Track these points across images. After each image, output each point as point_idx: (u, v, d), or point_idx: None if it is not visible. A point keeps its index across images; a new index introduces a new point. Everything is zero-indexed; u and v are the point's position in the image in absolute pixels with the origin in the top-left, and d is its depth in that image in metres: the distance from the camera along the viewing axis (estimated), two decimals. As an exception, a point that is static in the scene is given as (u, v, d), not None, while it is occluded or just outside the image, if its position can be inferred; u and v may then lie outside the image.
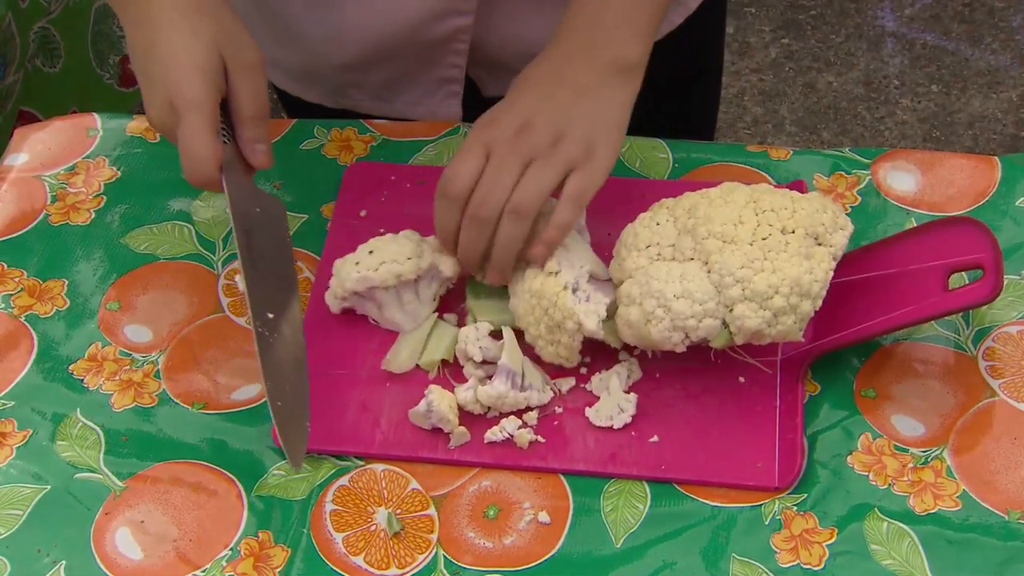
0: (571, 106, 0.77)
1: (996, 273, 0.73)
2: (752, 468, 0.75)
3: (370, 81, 0.96)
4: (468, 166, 0.76)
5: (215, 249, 0.90)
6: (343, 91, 0.99)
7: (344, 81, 0.97)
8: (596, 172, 0.77)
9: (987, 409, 0.77)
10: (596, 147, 0.77)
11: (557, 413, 0.79)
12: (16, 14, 1.48)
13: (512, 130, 0.76)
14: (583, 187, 0.77)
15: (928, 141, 2.09)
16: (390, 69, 0.95)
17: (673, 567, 0.72)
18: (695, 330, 0.74)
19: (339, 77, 0.97)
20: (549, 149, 0.76)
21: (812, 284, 0.73)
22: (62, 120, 1.00)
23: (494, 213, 0.76)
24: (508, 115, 0.77)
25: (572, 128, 0.76)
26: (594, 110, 0.77)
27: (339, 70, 0.96)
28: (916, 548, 0.71)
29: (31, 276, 0.89)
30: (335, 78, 0.97)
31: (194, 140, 0.74)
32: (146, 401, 0.82)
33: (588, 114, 0.77)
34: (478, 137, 0.77)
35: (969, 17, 2.26)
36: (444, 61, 0.94)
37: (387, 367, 0.81)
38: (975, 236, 0.76)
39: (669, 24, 0.98)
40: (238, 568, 0.73)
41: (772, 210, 0.75)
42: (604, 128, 0.78)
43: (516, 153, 0.76)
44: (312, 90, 1.01)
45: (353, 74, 0.96)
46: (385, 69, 0.95)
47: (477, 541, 0.74)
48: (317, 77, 0.99)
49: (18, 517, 0.77)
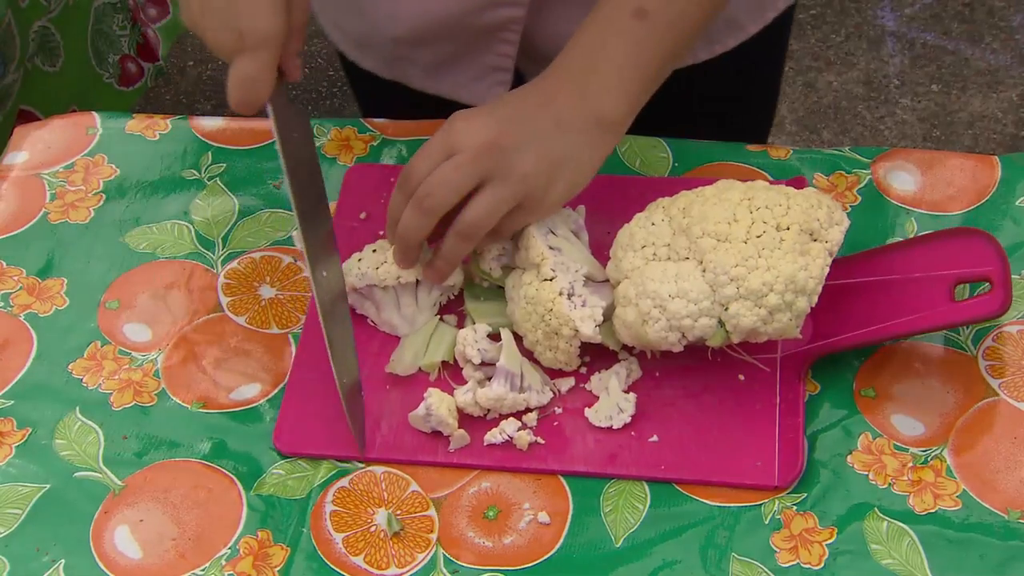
0: (547, 138, 0.76)
1: (1004, 287, 0.72)
2: (752, 467, 0.75)
3: (422, 58, 0.97)
4: (429, 163, 0.76)
5: (214, 248, 0.90)
6: (396, 64, 0.99)
7: (398, 54, 0.98)
8: (536, 212, 0.77)
9: (987, 409, 0.77)
10: (553, 187, 0.76)
11: (556, 414, 0.79)
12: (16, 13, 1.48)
13: (482, 139, 0.75)
14: (510, 224, 0.77)
15: (928, 141, 2.09)
16: (441, 49, 0.95)
17: (673, 567, 0.72)
18: (691, 329, 0.74)
19: (393, 50, 0.98)
20: (509, 173, 0.75)
21: (807, 281, 0.73)
22: (62, 119, 1.00)
23: (436, 208, 0.75)
24: (484, 122, 0.76)
25: (540, 161, 0.75)
26: (567, 151, 0.76)
27: (393, 43, 0.97)
28: (916, 548, 0.71)
29: (30, 275, 0.89)
30: (389, 50, 0.98)
31: (257, 73, 0.73)
32: (145, 400, 0.82)
33: (560, 153, 0.76)
34: (448, 135, 0.76)
35: (969, 17, 2.26)
36: (494, 49, 0.94)
37: (391, 369, 0.81)
38: (983, 248, 0.75)
39: (723, 46, 0.97)
40: (238, 567, 0.73)
41: (766, 207, 0.75)
42: (570, 172, 0.77)
43: (478, 163, 0.75)
44: (368, 58, 1.01)
45: (406, 48, 0.96)
46: (436, 48, 0.95)
47: (477, 540, 0.74)
48: (373, 46, 0.99)
49: (17, 516, 0.76)
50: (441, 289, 0.82)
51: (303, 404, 0.80)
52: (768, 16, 0.99)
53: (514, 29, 0.92)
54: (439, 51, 0.95)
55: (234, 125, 0.98)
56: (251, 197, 0.93)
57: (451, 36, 0.93)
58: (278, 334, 0.84)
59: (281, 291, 0.87)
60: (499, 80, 0.96)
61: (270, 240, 0.90)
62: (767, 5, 0.99)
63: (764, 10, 0.99)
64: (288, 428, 0.79)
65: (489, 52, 0.94)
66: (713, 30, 0.96)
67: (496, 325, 0.81)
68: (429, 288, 0.82)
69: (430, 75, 0.98)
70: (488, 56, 0.94)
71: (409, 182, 0.76)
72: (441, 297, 0.83)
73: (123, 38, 1.73)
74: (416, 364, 0.81)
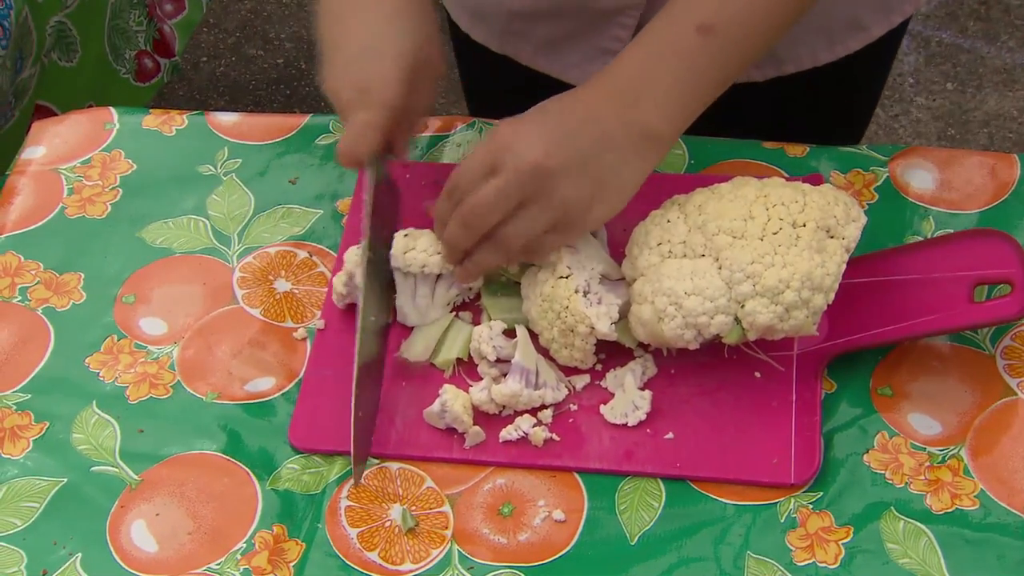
0: (591, 157, 0.74)
1: None
2: (768, 465, 0.74)
3: (536, 34, 0.97)
4: (474, 175, 0.76)
5: (230, 243, 0.91)
6: (508, 38, 0.99)
7: (512, 28, 0.98)
8: (573, 235, 0.77)
9: (1005, 408, 0.77)
10: (592, 211, 0.75)
11: (572, 411, 0.79)
12: (33, 8, 1.48)
13: (526, 161, 0.73)
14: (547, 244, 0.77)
15: (943, 139, 2.08)
16: (556, 27, 0.95)
17: (688, 565, 0.72)
18: (707, 327, 0.74)
19: (508, 23, 0.98)
20: (551, 198, 0.74)
21: (824, 278, 0.73)
22: (79, 114, 1.01)
23: (478, 227, 0.76)
24: (529, 140, 0.74)
25: (582, 186, 0.74)
26: (611, 171, 0.75)
27: (508, 16, 0.97)
28: (933, 547, 0.71)
29: (48, 269, 0.90)
30: (504, 23, 0.98)
31: (367, 132, 0.79)
32: (161, 393, 0.82)
33: (603, 174, 0.75)
34: (494, 147, 0.75)
35: (985, 15, 2.25)
36: (608, 32, 0.93)
37: (402, 354, 0.81)
38: (1003, 249, 0.75)
39: (845, 48, 0.95)
40: (253, 561, 0.73)
41: (782, 204, 0.75)
42: (611, 194, 0.75)
43: (521, 187, 0.74)
44: (480, 29, 1.01)
45: (521, 23, 0.96)
46: (551, 26, 0.95)
47: (492, 537, 0.74)
48: (488, 18, 0.99)
49: (35, 509, 0.77)
50: (459, 289, 0.83)
51: (318, 401, 0.80)
52: (894, 20, 0.96)
53: (632, 14, 0.91)
54: (554, 29, 0.95)
55: (250, 120, 0.98)
56: (267, 192, 0.93)
57: (568, 15, 0.93)
58: (292, 328, 0.85)
59: (296, 285, 0.87)
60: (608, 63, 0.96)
61: (286, 235, 0.90)
62: (894, 7, 0.96)
63: (890, 12, 0.96)
64: (304, 425, 0.79)
65: (603, 35, 0.93)
66: (835, 29, 0.94)
67: (512, 321, 0.81)
68: (448, 286, 0.82)
69: (541, 52, 0.98)
70: (602, 39, 0.93)
71: (455, 192, 0.77)
72: (457, 297, 0.83)
73: (139, 34, 1.74)
74: (426, 354, 0.81)
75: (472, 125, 0.96)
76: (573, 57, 0.96)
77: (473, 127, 0.96)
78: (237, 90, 2.24)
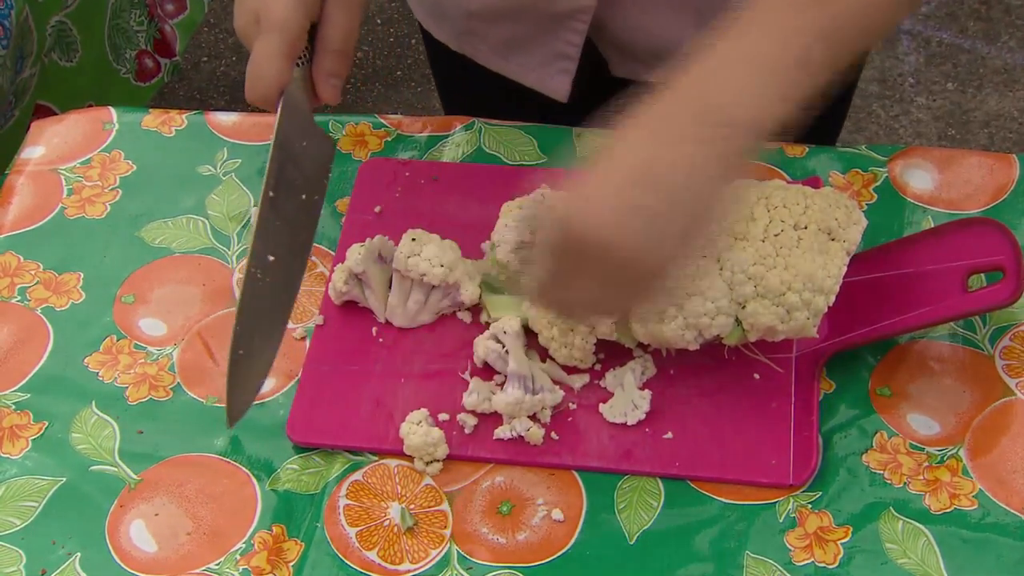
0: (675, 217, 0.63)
1: (1017, 276, 0.72)
2: (767, 465, 0.74)
3: (492, 35, 0.97)
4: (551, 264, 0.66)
5: (230, 243, 0.91)
6: (466, 38, 0.99)
7: (469, 28, 0.98)
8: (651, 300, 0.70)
9: (1004, 408, 0.77)
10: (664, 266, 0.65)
11: (571, 409, 0.79)
12: (33, 8, 1.49)
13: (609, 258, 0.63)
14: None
15: (943, 139, 2.08)
16: (511, 29, 0.95)
17: (687, 565, 0.72)
18: (708, 328, 0.74)
19: (466, 23, 0.98)
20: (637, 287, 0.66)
21: (825, 280, 0.73)
22: (78, 113, 1.00)
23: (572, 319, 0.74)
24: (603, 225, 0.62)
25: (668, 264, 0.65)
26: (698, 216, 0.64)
27: (466, 16, 0.97)
28: (932, 547, 0.71)
29: (47, 269, 0.90)
30: (462, 23, 0.98)
31: (264, 59, 0.73)
32: (161, 394, 0.82)
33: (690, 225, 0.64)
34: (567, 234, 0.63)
35: (985, 15, 2.25)
36: (561, 36, 0.93)
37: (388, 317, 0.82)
38: (996, 238, 0.75)
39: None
40: (252, 562, 0.74)
41: (784, 206, 0.75)
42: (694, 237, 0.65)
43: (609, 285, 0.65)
44: (441, 29, 1.02)
45: (478, 23, 0.97)
46: (506, 28, 0.96)
47: (491, 537, 0.74)
48: (447, 17, 1.00)
49: (33, 509, 0.77)
50: (453, 301, 0.82)
51: (316, 393, 0.80)
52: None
53: (582, 19, 0.91)
54: (509, 31, 0.95)
55: (250, 120, 0.98)
56: (267, 192, 0.93)
57: (522, 18, 0.93)
58: (292, 328, 0.85)
59: (296, 286, 0.87)
60: (563, 68, 0.95)
61: (285, 235, 0.90)
62: None
63: None
64: (301, 418, 0.79)
65: (557, 39, 0.93)
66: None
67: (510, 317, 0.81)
68: (441, 296, 0.82)
69: (497, 54, 0.98)
70: (556, 43, 0.94)
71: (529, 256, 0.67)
72: (449, 309, 0.83)
73: (140, 33, 1.74)
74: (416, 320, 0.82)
75: (471, 125, 0.96)
76: (529, 61, 0.96)
77: (472, 127, 0.96)
78: (237, 90, 2.23)
